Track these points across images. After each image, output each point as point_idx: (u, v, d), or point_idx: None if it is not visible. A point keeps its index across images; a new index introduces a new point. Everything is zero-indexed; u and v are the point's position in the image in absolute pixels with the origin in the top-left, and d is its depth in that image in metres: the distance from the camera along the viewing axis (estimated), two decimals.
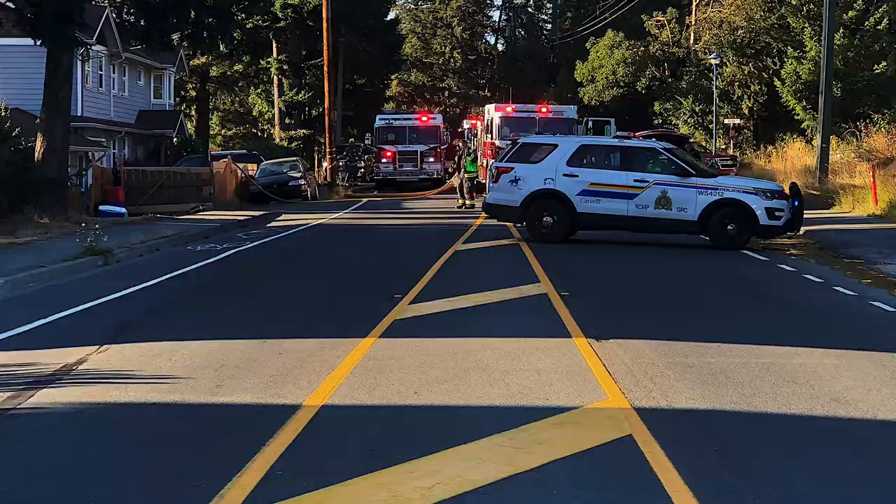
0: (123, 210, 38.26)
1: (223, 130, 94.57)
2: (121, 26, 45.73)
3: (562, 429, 8.95)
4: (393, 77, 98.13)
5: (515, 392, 10.20)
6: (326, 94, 61.57)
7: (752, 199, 25.10)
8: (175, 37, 41.80)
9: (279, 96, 77.21)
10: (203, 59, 71.62)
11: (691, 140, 58.62)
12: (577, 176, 25.84)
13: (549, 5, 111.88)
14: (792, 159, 52.60)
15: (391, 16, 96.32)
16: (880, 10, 56.45)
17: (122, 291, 17.85)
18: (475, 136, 59.22)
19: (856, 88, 54.56)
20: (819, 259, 23.40)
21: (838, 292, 17.92)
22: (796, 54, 56.96)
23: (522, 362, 11.57)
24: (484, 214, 29.92)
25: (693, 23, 75.86)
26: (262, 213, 40.09)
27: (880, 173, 36.87)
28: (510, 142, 32.84)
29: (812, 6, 56.49)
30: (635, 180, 25.49)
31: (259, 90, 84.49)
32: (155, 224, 32.70)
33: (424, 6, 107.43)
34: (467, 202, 42.21)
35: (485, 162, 47.63)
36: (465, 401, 9.93)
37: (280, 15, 73.08)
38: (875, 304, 16.54)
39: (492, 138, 49.67)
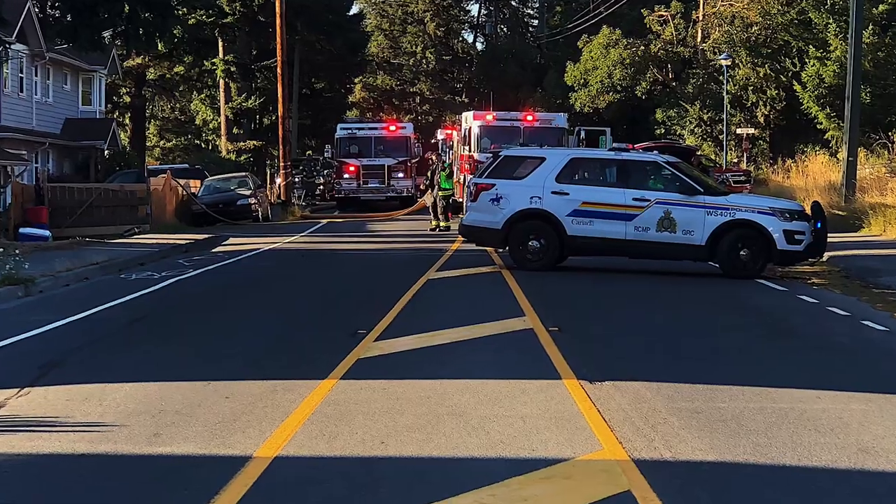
0: (47, 233, 38.16)
1: (162, 142, 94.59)
2: (45, 22, 45.75)
3: (550, 483, 8.98)
4: (356, 80, 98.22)
5: (497, 441, 10.23)
6: (280, 99, 61.54)
7: (768, 220, 25.16)
8: (106, 34, 41.86)
9: (226, 102, 77.18)
10: (139, 60, 71.52)
11: (699, 153, 58.93)
12: (568, 194, 25.91)
13: None
14: (814, 175, 52.74)
15: (354, 10, 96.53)
16: None
17: (46, 326, 17.81)
18: (451, 148, 59.31)
19: (887, 93, 54.65)
20: (845, 289, 23.49)
21: (866, 327, 18.01)
22: (819, 54, 57.16)
23: (505, 407, 11.60)
24: (461, 238, 29.95)
25: (701, 18, 76.10)
26: (206, 236, 40.05)
27: None
28: (491, 155, 32.88)
29: None
30: (634, 199, 25.55)
31: (203, 95, 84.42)
32: (83, 249, 32.60)
33: None
34: (442, 224, 42.27)
35: (462, 178, 47.70)
36: (440, 451, 9.96)
37: (227, 9, 73.04)
38: None
39: (470, 150, 49.71)
